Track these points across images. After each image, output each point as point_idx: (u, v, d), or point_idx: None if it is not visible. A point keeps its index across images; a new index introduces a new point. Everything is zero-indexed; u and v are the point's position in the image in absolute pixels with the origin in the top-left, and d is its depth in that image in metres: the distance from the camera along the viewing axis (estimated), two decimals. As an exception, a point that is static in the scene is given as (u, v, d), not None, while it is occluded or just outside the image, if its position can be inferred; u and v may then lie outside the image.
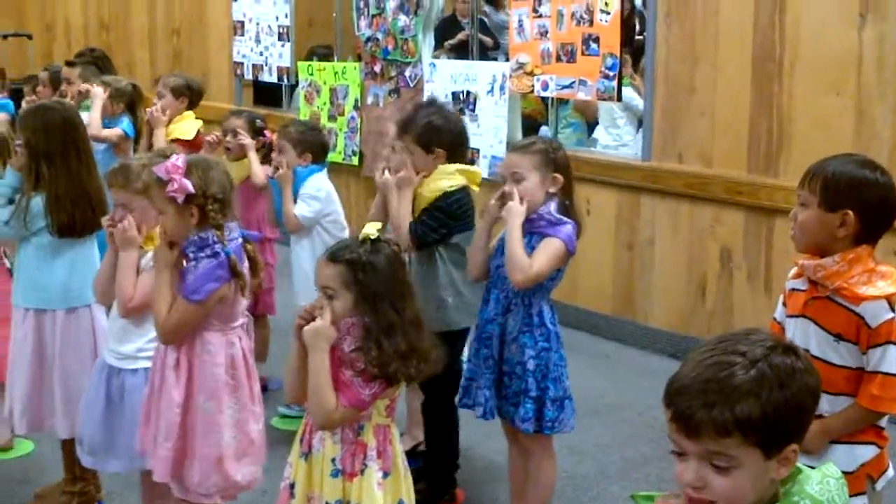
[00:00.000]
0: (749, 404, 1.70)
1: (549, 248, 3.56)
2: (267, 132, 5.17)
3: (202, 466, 3.26)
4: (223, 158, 4.95)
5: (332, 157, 6.38)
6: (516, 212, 3.54)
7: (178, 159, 3.21)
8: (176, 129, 5.97)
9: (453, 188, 4.00)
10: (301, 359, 2.93)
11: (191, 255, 3.23)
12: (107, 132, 5.80)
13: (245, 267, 3.32)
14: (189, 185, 3.16)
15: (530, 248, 3.58)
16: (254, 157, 5.16)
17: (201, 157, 3.40)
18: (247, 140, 5.17)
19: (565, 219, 3.60)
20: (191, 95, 6.16)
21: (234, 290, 3.27)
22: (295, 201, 4.77)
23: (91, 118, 5.65)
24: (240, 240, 3.32)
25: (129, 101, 6.00)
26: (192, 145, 5.86)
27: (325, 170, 4.94)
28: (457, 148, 4.09)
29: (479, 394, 3.71)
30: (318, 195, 4.79)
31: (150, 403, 3.34)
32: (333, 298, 2.89)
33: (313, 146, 4.90)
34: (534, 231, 3.60)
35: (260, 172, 5.09)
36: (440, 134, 4.03)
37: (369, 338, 2.87)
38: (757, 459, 1.73)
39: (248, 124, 5.24)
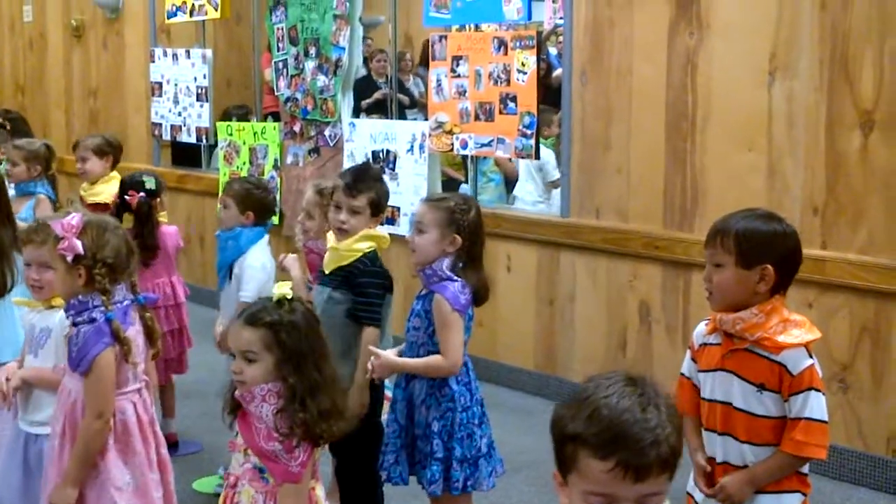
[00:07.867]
0: (675, 437, 1.76)
1: (443, 324, 3.56)
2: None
3: None
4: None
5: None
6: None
7: (75, 218, 3.17)
8: (104, 191, 5.89)
9: (370, 248, 4.00)
10: None
11: (72, 321, 3.19)
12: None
13: (136, 331, 3.27)
14: (78, 246, 3.12)
15: (424, 311, 3.62)
16: None
17: (101, 220, 3.29)
18: None
19: (455, 276, 3.59)
20: (113, 152, 6.13)
21: (119, 356, 3.19)
22: (230, 265, 4.65)
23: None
24: (127, 304, 3.25)
25: (46, 163, 5.91)
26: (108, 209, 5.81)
27: (266, 236, 4.75)
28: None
29: (386, 458, 3.70)
30: (260, 274, 4.62)
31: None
32: (254, 362, 2.83)
33: (255, 205, 4.71)
34: (428, 288, 3.64)
35: None
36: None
37: (294, 399, 2.80)
38: (666, 492, 1.76)
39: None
